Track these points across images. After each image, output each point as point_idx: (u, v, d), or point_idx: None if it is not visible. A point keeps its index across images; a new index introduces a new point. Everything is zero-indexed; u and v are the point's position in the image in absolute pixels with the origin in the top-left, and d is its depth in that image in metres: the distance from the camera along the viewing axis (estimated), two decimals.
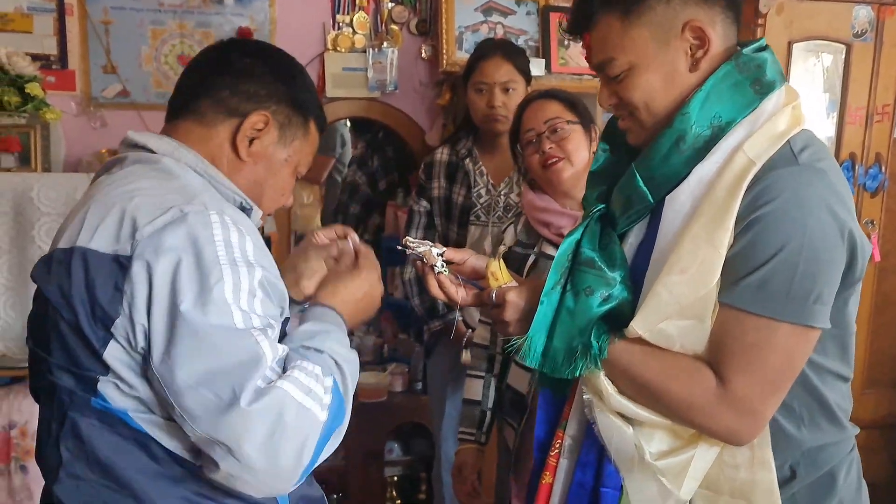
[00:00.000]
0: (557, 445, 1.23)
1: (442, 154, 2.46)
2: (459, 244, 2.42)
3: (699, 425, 1.09)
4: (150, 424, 1.00)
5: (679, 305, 1.06)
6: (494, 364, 1.88)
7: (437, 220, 2.47)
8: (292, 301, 1.23)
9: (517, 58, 2.37)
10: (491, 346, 1.90)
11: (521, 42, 2.98)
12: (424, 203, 2.47)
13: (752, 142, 1.05)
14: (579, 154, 1.70)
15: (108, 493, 1.01)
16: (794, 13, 2.69)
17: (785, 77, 1.13)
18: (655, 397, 1.10)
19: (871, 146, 2.85)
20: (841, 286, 1.07)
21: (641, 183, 1.12)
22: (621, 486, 1.15)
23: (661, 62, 1.11)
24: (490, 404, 1.89)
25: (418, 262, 1.28)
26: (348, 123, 3.71)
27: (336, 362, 1.04)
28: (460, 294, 1.28)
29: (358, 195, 3.49)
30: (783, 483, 1.11)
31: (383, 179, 3.45)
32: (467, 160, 2.41)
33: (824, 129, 2.85)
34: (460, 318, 2.40)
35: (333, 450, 1.02)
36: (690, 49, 1.10)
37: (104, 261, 0.98)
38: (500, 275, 1.24)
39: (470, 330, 2.41)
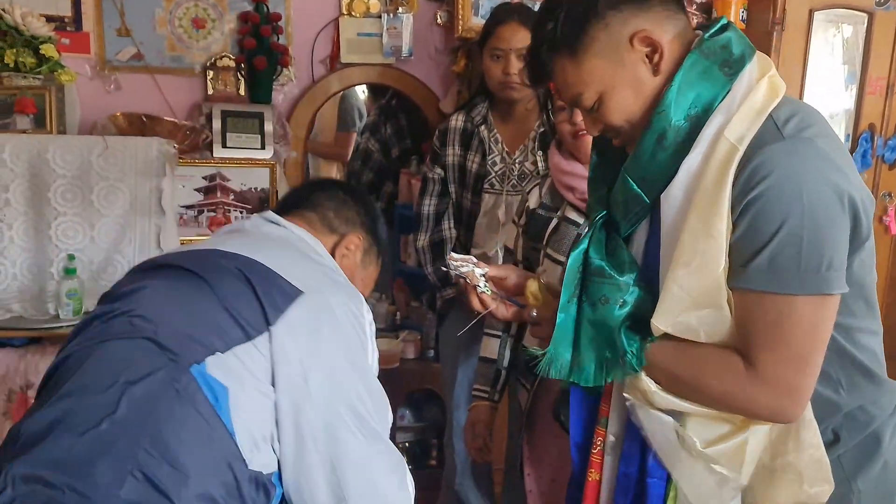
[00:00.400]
0: (599, 443, 1.25)
1: (457, 121, 2.45)
2: (473, 212, 2.42)
3: (741, 411, 1.10)
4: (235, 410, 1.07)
5: (690, 297, 1.07)
6: (512, 324, 1.89)
7: (451, 188, 2.46)
8: None
9: None
10: None
11: (537, 6, 2.95)
12: (438, 170, 2.46)
13: (732, 125, 1.05)
14: None
15: (145, 456, 0.99)
16: None
17: (753, 48, 1.13)
18: (694, 391, 1.11)
19: (891, 117, 2.82)
20: (850, 248, 1.07)
21: (634, 185, 1.14)
22: (667, 476, 1.16)
23: (624, 80, 1.12)
24: (506, 363, 1.91)
25: (461, 280, 1.33)
26: (365, 92, 3.69)
27: None
28: (500, 311, 1.33)
29: (371, 162, 3.47)
30: (827, 447, 1.12)
31: (396, 147, 3.43)
32: (482, 127, 2.39)
33: (842, 101, 2.82)
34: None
35: None
36: (647, 56, 1.11)
37: (278, 279, 1.15)
38: (539, 295, 1.29)
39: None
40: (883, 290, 2.90)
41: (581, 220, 1.69)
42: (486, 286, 1.32)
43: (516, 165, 2.39)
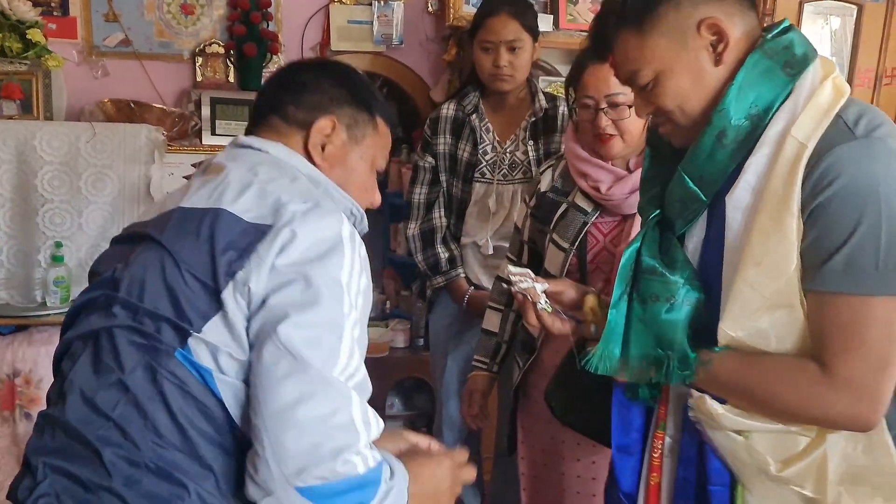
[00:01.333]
0: (659, 447, 1.23)
1: (448, 109, 2.44)
2: (464, 201, 2.42)
3: (817, 419, 1.07)
4: (227, 388, 1.02)
5: (763, 298, 1.04)
6: (513, 300, 1.91)
7: (441, 177, 2.45)
8: None
9: (524, 15, 2.33)
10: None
11: None
12: (430, 159, 2.45)
13: (798, 124, 1.04)
14: (634, 131, 1.66)
15: (157, 448, 0.99)
16: None
17: (816, 50, 1.12)
18: (766, 404, 1.08)
19: (880, 108, 2.84)
20: None
21: (691, 183, 1.12)
22: (730, 483, 1.13)
23: (685, 64, 1.11)
24: (507, 337, 1.94)
25: (520, 296, 1.31)
26: None
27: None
28: (557, 326, 1.31)
29: None
30: None
31: None
32: (473, 116, 2.39)
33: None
34: (462, 275, 2.41)
35: None
36: (711, 45, 1.10)
37: (242, 224, 1.04)
38: (598, 310, 1.28)
39: (471, 287, 2.43)
40: None
41: (590, 209, 1.69)
42: (546, 303, 1.31)
43: (507, 155, 2.38)
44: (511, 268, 1.33)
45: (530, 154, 2.35)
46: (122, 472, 0.97)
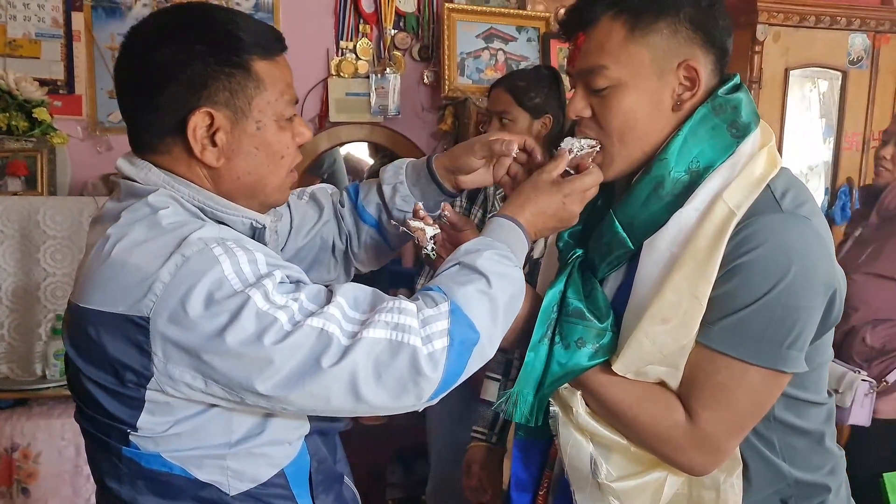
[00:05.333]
0: (545, 485, 1.24)
1: None
2: None
3: (663, 455, 1.10)
4: (184, 460, 1.00)
5: (661, 354, 1.06)
6: (511, 369, 1.91)
7: None
8: (443, 191, 1.26)
9: (521, 92, 2.35)
10: (509, 352, 1.93)
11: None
12: None
13: (731, 190, 1.04)
14: None
15: None
16: (790, 41, 2.73)
17: (759, 116, 1.13)
18: (624, 422, 1.10)
19: (868, 171, 2.88)
20: (817, 332, 1.07)
21: (621, 229, 1.10)
22: None
23: (650, 90, 1.07)
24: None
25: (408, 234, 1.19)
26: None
27: (486, 277, 1.00)
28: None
29: None
30: None
31: None
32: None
33: (821, 155, 2.88)
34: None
35: (485, 360, 1.01)
36: (680, 87, 1.08)
37: (118, 321, 0.94)
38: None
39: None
40: None
41: None
42: (432, 249, 1.16)
43: None
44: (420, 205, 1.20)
45: None
46: None
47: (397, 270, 2.92)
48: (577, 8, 1.12)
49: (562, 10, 2.55)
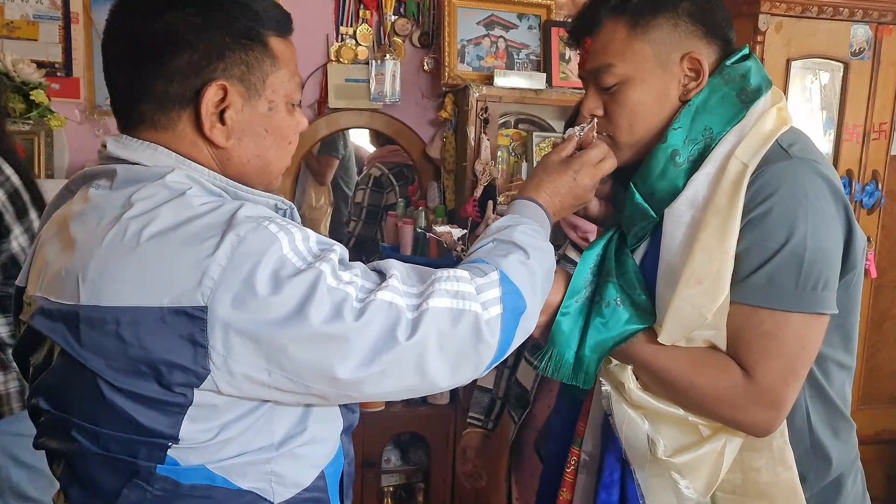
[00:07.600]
0: (573, 462, 1.24)
1: None
2: None
3: (725, 418, 1.10)
4: (227, 470, 0.92)
5: (703, 316, 1.07)
6: (509, 357, 1.91)
7: None
8: None
9: None
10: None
11: (522, 56, 3.01)
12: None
13: (742, 147, 1.08)
14: None
15: None
16: (792, 31, 2.72)
17: (770, 81, 1.16)
18: (681, 390, 1.11)
19: (868, 163, 2.88)
20: (840, 272, 1.09)
21: (641, 199, 1.14)
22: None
23: (656, 83, 1.13)
24: (501, 394, 1.95)
25: (434, 239, 1.29)
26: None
27: (524, 250, 1.02)
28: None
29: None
30: None
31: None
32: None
33: (821, 146, 2.87)
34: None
35: (528, 332, 1.01)
36: (686, 79, 1.13)
37: (161, 315, 0.83)
38: None
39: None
40: (863, 333, 2.94)
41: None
42: (462, 250, 1.27)
43: None
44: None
45: None
46: None
47: (419, 261, 2.92)
48: (582, 16, 1.19)
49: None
